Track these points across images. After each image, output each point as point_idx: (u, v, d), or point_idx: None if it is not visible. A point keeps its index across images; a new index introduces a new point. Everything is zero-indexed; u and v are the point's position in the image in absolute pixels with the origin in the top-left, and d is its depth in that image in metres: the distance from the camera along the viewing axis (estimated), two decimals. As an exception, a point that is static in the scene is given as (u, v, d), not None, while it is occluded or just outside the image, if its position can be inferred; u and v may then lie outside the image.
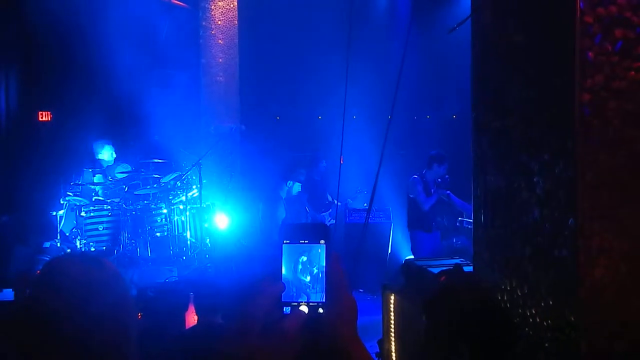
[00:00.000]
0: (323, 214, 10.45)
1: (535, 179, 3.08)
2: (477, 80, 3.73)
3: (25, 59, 11.91)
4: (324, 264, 1.24)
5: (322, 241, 1.26)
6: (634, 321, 2.83)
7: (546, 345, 3.04)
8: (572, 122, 2.78)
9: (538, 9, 3.13)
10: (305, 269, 1.24)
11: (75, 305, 1.56)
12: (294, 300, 1.22)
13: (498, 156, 3.47)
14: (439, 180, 9.24)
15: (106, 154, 10.29)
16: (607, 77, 2.75)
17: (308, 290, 1.23)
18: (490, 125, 3.53)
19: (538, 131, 3.08)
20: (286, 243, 1.27)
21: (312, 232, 1.28)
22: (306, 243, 1.26)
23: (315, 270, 1.24)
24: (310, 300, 1.22)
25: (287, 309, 1.21)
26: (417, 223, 9.34)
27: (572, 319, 2.85)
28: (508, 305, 3.35)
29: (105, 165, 10.20)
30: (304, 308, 1.21)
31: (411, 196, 9.26)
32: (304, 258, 1.25)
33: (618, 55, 2.76)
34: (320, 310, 1.21)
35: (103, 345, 1.57)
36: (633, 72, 2.77)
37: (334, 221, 9.91)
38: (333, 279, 1.22)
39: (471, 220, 3.90)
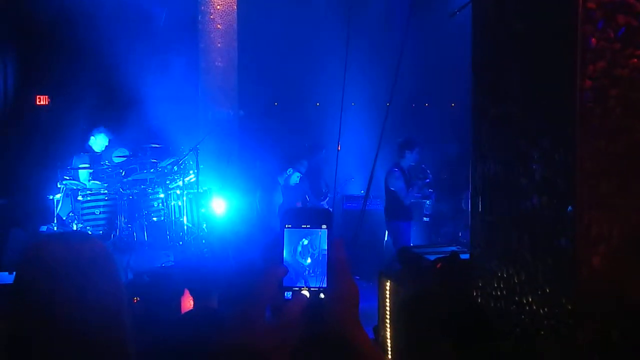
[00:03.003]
0: (322, 202, 10.44)
1: (534, 166, 3.06)
2: (477, 67, 3.71)
3: (23, 43, 11.87)
4: (326, 249, 1.23)
5: (324, 226, 1.25)
6: (631, 309, 2.82)
7: (542, 333, 3.03)
8: (572, 109, 2.76)
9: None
10: (305, 252, 1.23)
11: (61, 284, 1.54)
12: (295, 285, 1.21)
13: (497, 143, 3.45)
14: (423, 166, 9.40)
15: (100, 142, 10.22)
16: (609, 63, 2.72)
17: (306, 273, 1.21)
18: (490, 111, 3.51)
19: (538, 118, 3.05)
20: (288, 227, 1.25)
21: (314, 216, 1.26)
22: (308, 228, 1.25)
23: (317, 254, 1.23)
24: (311, 286, 1.21)
25: (288, 294, 1.20)
26: (399, 214, 9.42)
27: (569, 307, 2.84)
28: (504, 292, 3.34)
29: (94, 152, 10.15)
30: (305, 293, 1.20)
31: (392, 189, 9.31)
32: (305, 241, 1.23)
33: (620, 42, 2.74)
34: (322, 296, 1.20)
35: (95, 326, 1.55)
36: (635, 60, 2.74)
37: (331, 209, 9.90)
38: (335, 265, 1.21)
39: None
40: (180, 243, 9.33)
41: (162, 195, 9.69)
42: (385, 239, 10.53)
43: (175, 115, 10.62)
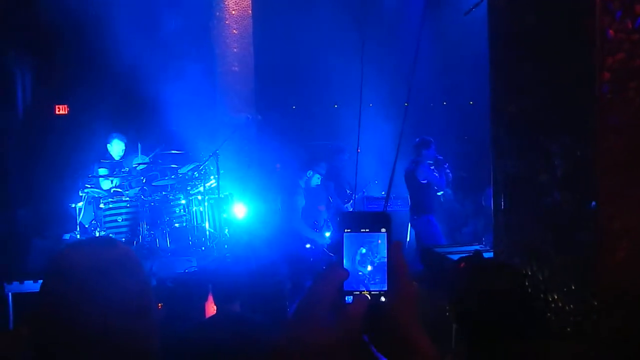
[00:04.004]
0: (346, 204, 10.42)
1: (555, 162, 3.04)
2: (494, 63, 3.68)
3: (41, 52, 11.97)
4: (385, 255, 1.23)
5: (384, 230, 1.25)
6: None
7: (568, 329, 3.00)
8: (592, 103, 2.73)
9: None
10: (364, 260, 1.23)
11: (88, 290, 1.53)
12: (355, 289, 1.21)
13: (517, 139, 3.43)
14: (440, 157, 9.43)
15: (116, 148, 10.25)
16: (627, 55, 2.69)
17: (366, 281, 1.22)
18: (508, 108, 3.48)
19: (557, 113, 3.03)
20: (347, 232, 1.25)
21: (374, 220, 1.26)
22: (367, 232, 1.25)
23: (377, 261, 1.23)
24: (372, 289, 1.21)
25: (349, 298, 1.20)
26: (429, 207, 9.43)
27: (595, 303, 2.81)
28: (529, 290, 3.31)
29: (114, 159, 10.19)
30: (367, 295, 1.20)
31: (424, 182, 9.29)
32: (364, 250, 1.23)
33: (639, 32, 2.70)
34: (383, 299, 1.20)
35: (122, 332, 1.55)
36: (654, 50, 2.71)
37: (351, 209, 9.88)
38: (395, 267, 1.21)
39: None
40: (203, 248, 9.36)
41: (183, 201, 9.73)
42: (408, 239, 10.49)
43: (194, 121, 10.65)
